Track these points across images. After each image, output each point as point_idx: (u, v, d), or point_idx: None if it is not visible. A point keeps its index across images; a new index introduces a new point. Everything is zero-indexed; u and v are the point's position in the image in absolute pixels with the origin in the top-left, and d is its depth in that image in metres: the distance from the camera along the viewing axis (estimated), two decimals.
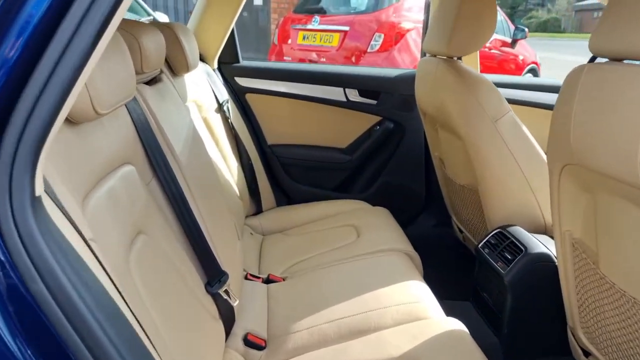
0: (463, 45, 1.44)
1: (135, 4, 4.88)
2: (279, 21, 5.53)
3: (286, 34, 5.25)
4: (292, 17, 5.30)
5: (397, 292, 1.30)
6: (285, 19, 5.42)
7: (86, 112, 0.67)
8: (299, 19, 5.18)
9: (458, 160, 1.63)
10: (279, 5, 7.69)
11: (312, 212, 1.94)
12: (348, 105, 2.04)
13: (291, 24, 5.22)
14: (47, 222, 0.47)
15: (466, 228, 1.79)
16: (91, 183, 0.73)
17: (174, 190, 1.03)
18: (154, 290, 0.84)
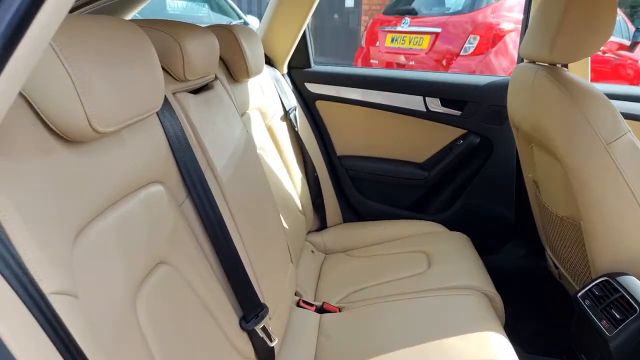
0: (570, 50, 1.18)
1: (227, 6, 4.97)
2: (369, 23, 5.37)
3: (374, 37, 5.08)
4: (382, 19, 5.12)
5: (468, 345, 1.09)
6: (374, 20, 5.24)
7: (82, 131, 0.56)
8: (388, 20, 4.98)
9: (557, 186, 1.36)
10: (371, 7, 7.51)
11: (380, 232, 1.76)
12: (428, 115, 1.82)
13: (380, 26, 5.03)
14: None
15: (563, 266, 1.51)
16: (97, 208, 0.63)
17: (210, 212, 0.91)
18: (168, 330, 0.72)
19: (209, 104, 1.05)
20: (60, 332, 0.47)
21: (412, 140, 1.88)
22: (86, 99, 0.56)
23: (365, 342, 1.15)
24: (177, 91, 0.95)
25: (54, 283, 0.48)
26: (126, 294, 0.65)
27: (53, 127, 0.56)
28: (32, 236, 0.48)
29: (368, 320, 1.24)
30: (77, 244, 0.57)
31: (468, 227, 1.79)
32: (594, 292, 1.16)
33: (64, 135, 0.57)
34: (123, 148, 0.70)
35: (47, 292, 0.47)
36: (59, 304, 0.48)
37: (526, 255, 1.85)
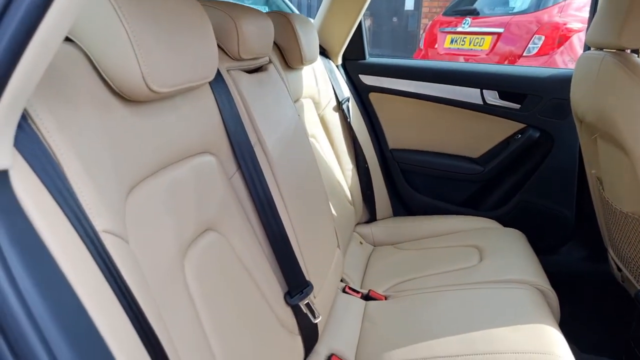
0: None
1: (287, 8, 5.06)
2: (428, 25, 5.29)
3: (433, 38, 5.00)
4: (441, 20, 5.03)
5: (519, 336, 1.05)
6: (434, 21, 5.17)
7: (138, 88, 0.60)
8: (449, 21, 4.90)
9: (622, 180, 1.28)
10: (431, 10, 7.41)
11: (431, 227, 1.73)
12: (485, 109, 1.77)
13: (439, 27, 4.96)
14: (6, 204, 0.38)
15: (627, 267, 1.42)
16: (150, 169, 0.66)
17: (259, 186, 0.94)
18: (214, 296, 0.74)
19: (262, 85, 1.09)
20: (111, 269, 0.50)
21: (467, 134, 1.83)
22: (142, 56, 0.59)
23: (411, 329, 1.14)
24: (231, 69, 0.98)
25: (106, 222, 0.52)
26: (175, 252, 0.68)
27: (110, 83, 0.60)
28: (88, 178, 0.51)
29: (414, 309, 1.22)
30: (130, 199, 0.61)
31: (524, 225, 1.72)
32: None
33: (120, 91, 0.60)
34: (177, 114, 0.74)
35: (99, 230, 0.50)
36: (110, 243, 0.51)
37: (586, 258, 1.75)
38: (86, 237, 0.47)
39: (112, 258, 0.50)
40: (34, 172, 0.43)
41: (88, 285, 0.44)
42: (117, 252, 0.51)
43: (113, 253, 0.50)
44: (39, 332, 0.37)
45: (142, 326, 0.50)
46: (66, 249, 0.43)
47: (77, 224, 0.46)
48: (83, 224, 0.47)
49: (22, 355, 0.36)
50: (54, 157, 0.48)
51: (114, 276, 0.50)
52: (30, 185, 0.43)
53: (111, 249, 0.51)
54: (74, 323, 0.39)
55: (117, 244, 0.52)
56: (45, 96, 0.50)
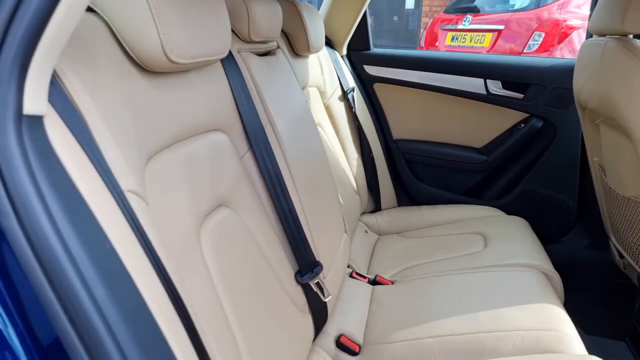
0: None
1: None
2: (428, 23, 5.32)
3: (434, 36, 5.03)
4: (442, 18, 5.06)
5: (524, 315, 1.06)
6: (434, 19, 5.19)
7: (157, 58, 0.62)
8: (449, 19, 4.92)
9: (624, 165, 1.30)
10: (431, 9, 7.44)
11: (435, 216, 1.75)
12: (489, 99, 1.79)
13: (440, 25, 4.98)
14: (42, 148, 0.40)
15: (628, 252, 1.44)
16: (166, 140, 0.68)
17: (270, 167, 0.95)
18: (229, 269, 0.76)
19: (271, 68, 1.10)
20: (139, 227, 0.51)
21: (471, 124, 1.85)
22: (162, 27, 0.61)
23: (418, 310, 1.15)
24: (242, 50, 1.00)
25: (130, 182, 0.53)
26: (191, 224, 0.70)
27: (130, 52, 0.61)
28: (112, 138, 0.53)
29: (421, 292, 1.24)
30: (148, 167, 0.63)
31: (527, 214, 1.74)
32: None
33: (140, 60, 0.62)
34: (191, 89, 0.76)
35: (125, 189, 0.52)
36: (135, 203, 0.53)
37: (589, 245, 1.77)
38: (114, 191, 0.48)
39: (137, 216, 0.52)
40: (64, 123, 0.45)
41: (119, 236, 0.45)
42: (140, 212, 0.53)
43: (137, 212, 0.52)
44: (78, 270, 0.38)
45: (168, 284, 0.52)
46: (97, 200, 0.45)
47: (105, 178, 0.48)
48: (111, 179, 0.49)
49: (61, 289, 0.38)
50: (81, 115, 0.50)
51: (141, 234, 0.51)
52: (62, 135, 0.44)
53: (135, 208, 0.52)
54: (108, 266, 0.41)
55: (139, 204, 0.54)
56: (71, 60, 0.52)
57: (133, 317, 0.41)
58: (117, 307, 0.40)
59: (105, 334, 0.38)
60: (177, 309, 0.52)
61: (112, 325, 0.39)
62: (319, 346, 1.07)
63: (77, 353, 0.38)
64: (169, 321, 0.48)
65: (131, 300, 0.42)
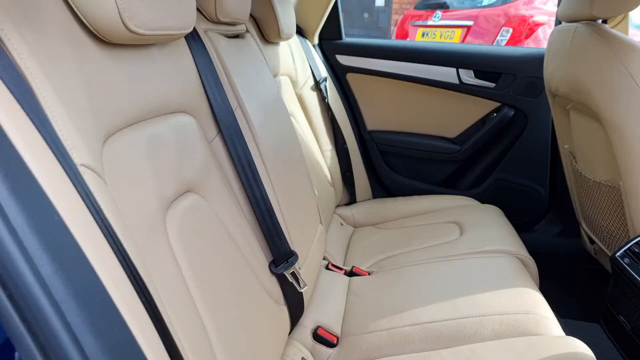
0: (612, 2, 1.14)
1: None
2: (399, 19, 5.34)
3: (405, 32, 5.05)
4: (412, 14, 5.09)
5: (502, 300, 1.06)
6: (405, 16, 5.22)
7: (113, 26, 0.57)
8: (419, 15, 4.95)
9: (594, 150, 1.32)
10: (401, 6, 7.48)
11: (411, 207, 1.74)
12: (461, 88, 1.79)
13: (410, 21, 5.01)
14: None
15: (599, 237, 1.45)
16: (127, 118, 0.63)
17: (241, 153, 0.91)
18: (198, 257, 0.72)
19: (241, 51, 1.06)
20: (94, 204, 0.47)
21: (444, 113, 1.85)
22: None
23: (395, 299, 1.13)
24: (209, 30, 0.96)
25: (84, 157, 0.49)
26: (156, 206, 0.65)
27: (84, 20, 0.57)
28: (63, 109, 0.48)
29: (398, 281, 1.22)
30: (107, 147, 0.58)
31: (501, 202, 1.75)
32: (634, 250, 1.11)
33: (95, 29, 0.57)
34: (153, 65, 0.71)
35: (77, 163, 0.47)
36: (90, 178, 0.48)
37: (561, 233, 1.79)
38: (65, 163, 0.44)
39: (93, 193, 0.47)
40: (8, 90, 0.40)
41: (70, 210, 0.41)
42: (96, 189, 0.49)
43: (93, 189, 0.48)
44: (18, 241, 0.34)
45: (128, 265, 0.48)
46: (48, 175, 0.41)
47: (55, 150, 0.43)
48: (62, 151, 0.44)
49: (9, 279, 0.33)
50: (27, 81, 0.45)
51: (97, 210, 0.47)
52: (5, 103, 0.40)
53: (90, 184, 0.48)
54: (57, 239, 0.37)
55: (96, 181, 0.50)
56: (14, 21, 0.47)
57: (85, 296, 0.37)
58: (67, 284, 0.36)
59: (51, 312, 0.34)
60: (139, 291, 0.48)
61: (60, 303, 0.35)
62: (296, 339, 1.04)
63: (20, 335, 0.34)
64: (128, 302, 0.43)
65: (83, 277, 0.38)
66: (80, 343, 0.35)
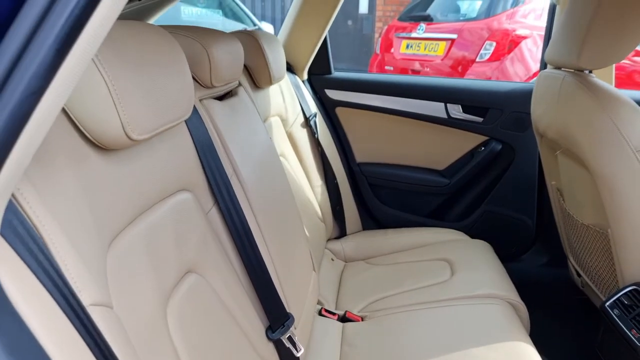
0: (599, 56, 1.16)
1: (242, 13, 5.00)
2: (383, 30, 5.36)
3: (389, 43, 5.07)
4: (397, 25, 5.11)
5: (496, 355, 1.07)
6: (389, 27, 5.24)
7: (116, 138, 0.56)
8: (404, 27, 4.98)
9: (582, 194, 1.34)
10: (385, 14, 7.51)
11: (401, 240, 1.75)
12: (449, 122, 1.81)
13: (395, 32, 5.03)
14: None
15: (587, 274, 1.48)
16: (129, 216, 0.62)
17: (237, 220, 0.91)
18: (197, 342, 0.71)
19: (234, 111, 1.06)
20: (100, 344, 0.46)
21: (432, 147, 1.86)
22: (122, 107, 0.56)
23: (389, 352, 1.14)
24: (204, 98, 0.95)
25: (93, 294, 0.48)
26: (157, 303, 0.65)
27: (88, 135, 0.56)
28: (71, 246, 0.48)
29: (391, 330, 1.23)
30: (110, 252, 0.57)
31: (489, 234, 1.77)
32: (623, 301, 1.13)
33: (99, 143, 0.57)
34: (153, 156, 0.70)
35: (87, 304, 0.47)
36: (98, 316, 0.48)
37: (548, 264, 1.82)
38: (72, 313, 0.43)
39: (100, 331, 0.47)
40: (17, 254, 0.39)
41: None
42: (104, 323, 0.48)
43: (100, 325, 0.47)
44: None
45: None
46: (52, 331, 0.40)
47: (62, 302, 0.42)
48: (69, 301, 0.43)
49: None
50: (37, 231, 0.44)
51: (101, 349, 0.46)
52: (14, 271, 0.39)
53: (99, 321, 0.47)
54: None
55: (103, 314, 0.49)
56: (28, 173, 0.46)
57: None
58: None
59: None
60: None
61: None
62: None
63: None
64: None
65: None
66: None
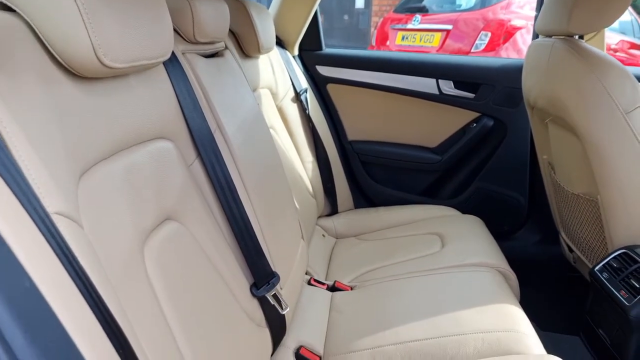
0: (588, 19, 1.16)
1: None
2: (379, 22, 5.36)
3: (385, 35, 5.07)
4: (392, 17, 5.11)
5: (484, 316, 1.06)
6: (384, 19, 5.24)
7: (88, 62, 0.55)
8: (399, 18, 4.98)
9: (572, 163, 1.33)
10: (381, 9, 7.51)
11: (392, 217, 1.74)
12: (441, 98, 1.80)
13: (390, 24, 5.03)
14: None
15: (578, 247, 1.48)
16: (103, 152, 0.61)
17: (220, 175, 0.90)
18: (177, 288, 0.70)
19: (220, 70, 1.05)
20: (67, 254, 0.45)
21: (424, 124, 1.86)
22: (93, 28, 0.54)
23: (378, 317, 1.13)
24: (187, 51, 0.94)
25: (57, 203, 0.47)
26: (134, 242, 0.64)
27: (58, 57, 0.55)
28: (35, 154, 0.47)
29: (381, 297, 1.22)
30: (82, 183, 0.56)
31: (481, 212, 1.76)
32: (612, 264, 1.13)
33: (69, 66, 0.56)
34: (130, 95, 0.69)
35: (51, 211, 0.46)
36: (63, 227, 0.47)
37: (540, 241, 1.82)
38: (37, 218, 0.42)
39: (67, 242, 0.45)
40: None
41: (44, 270, 0.39)
42: (71, 237, 0.47)
43: (67, 237, 0.46)
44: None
45: (104, 316, 0.46)
46: (17, 231, 0.39)
47: (26, 204, 0.41)
48: (33, 204, 0.42)
49: None
50: None
51: (71, 262, 0.45)
52: None
53: (65, 233, 0.46)
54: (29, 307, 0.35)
55: (71, 227, 0.48)
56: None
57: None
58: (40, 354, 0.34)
59: None
60: (115, 342, 0.47)
61: None
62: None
63: None
64: None
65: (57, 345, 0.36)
66: None
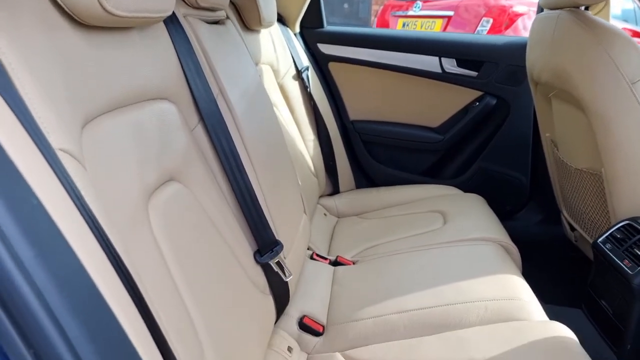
0: None
1: None
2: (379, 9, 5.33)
3: (385, 22, 5.04)
4: (393, 4, 5.08)
5: (487, 286, 1.06)
6: (385, 6, 5.21)
7: (91, 8, 0.55)
8: (400, 5, 4.94)
9: (575, 138, 1.33)
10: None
11: (394, 197, 1.73)
12: (443, 77, 1.79)
13: (391, 11, 5.00)
14: None
15: (580, 224, 1.47)
16: (106, 104, 0.61)
17: (223, 140, 0.89)
18: (182, 247, 0.70)
19: (221, 37, 1.04)
20: (75, 190, 0.45)
21: (426, 103, 1.85)
22: None
23: (381, 288, 1.13)
24: (189, 15, 0.93)
25: (62, 141, 0.47)
26: (138, 197, 0.63)
27: (61, 3, 0.54)
28: (40, 93, 0.46)
29: (383, 270, 1.22)
30: (86, 133, 0.56)
31: (483, 191, 1.76)
32: (615, 235, 1.12)
33: (71, 11, 0.55)
34: (134, 50, 0.69)
35: (55, 147, 0.45)
36: (69, 163, 0.46)
37: (542, 221, 1.82)
38: (44, 148, 0.42)
39: (71, 179, 0.45)
40: None
41: (49, 194, 0.39)
42: (76, 175, 0.47)
43: (72, 175, 0.46)
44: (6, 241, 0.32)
45: (110, 251, 0.46)
46: (25, 158, 0.38)
47: (32, 134, 0.41)
48: (39, 136, 0.42)
49: None
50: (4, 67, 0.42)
51: (77, 196, 0.45)
52: None
53: (70, 170, 0.46)
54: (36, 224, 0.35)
55: (75, 166, 0.47)
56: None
57: (67, 281, 0.36)
58: (47, 269, 0.34)
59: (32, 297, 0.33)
60: (122, 278, 0.46)
61: (42, 287, 0.33)
62: (281, 328, 1.03)
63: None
64: (112, 289, 0.42)
65: (65, 262, 0.36)
66: (64, 328, 0.34)
